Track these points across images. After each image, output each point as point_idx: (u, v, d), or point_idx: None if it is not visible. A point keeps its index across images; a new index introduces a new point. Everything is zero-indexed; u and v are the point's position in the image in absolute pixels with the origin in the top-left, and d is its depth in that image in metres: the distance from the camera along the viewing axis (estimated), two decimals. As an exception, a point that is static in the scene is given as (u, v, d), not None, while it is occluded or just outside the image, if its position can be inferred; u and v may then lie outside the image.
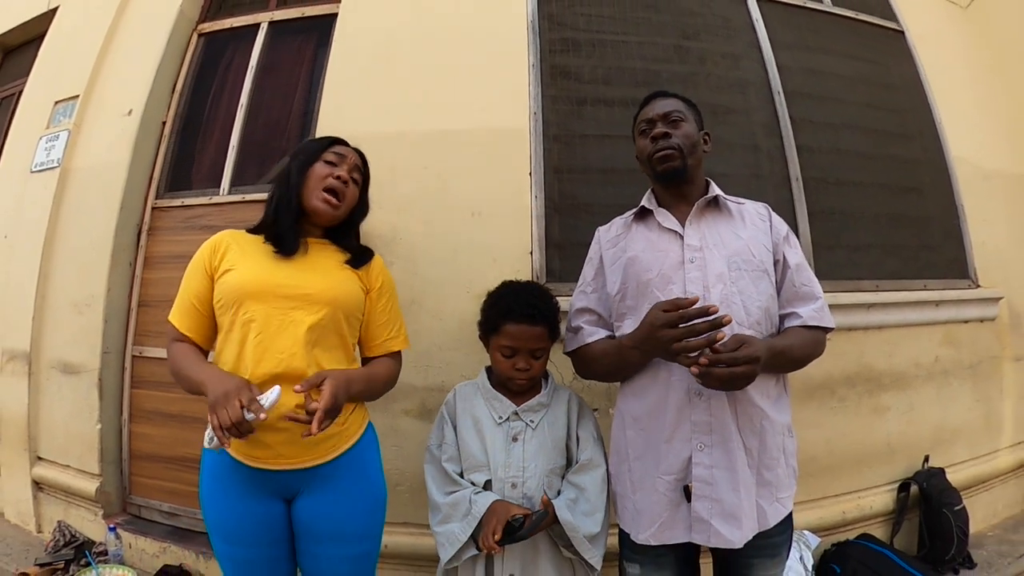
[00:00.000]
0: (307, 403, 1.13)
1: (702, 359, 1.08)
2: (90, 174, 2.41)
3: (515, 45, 2.10)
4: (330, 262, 1.32)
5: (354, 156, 1.38)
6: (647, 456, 1.25)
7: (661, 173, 1.30)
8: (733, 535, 1.16)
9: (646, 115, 1.34)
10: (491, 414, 1.38)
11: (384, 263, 1.42)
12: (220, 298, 1.23)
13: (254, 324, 1.19)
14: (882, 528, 2.17)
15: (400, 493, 1.82)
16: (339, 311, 1.25)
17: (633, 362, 1.25)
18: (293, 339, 1.19)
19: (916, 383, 2.24)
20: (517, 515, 1.24)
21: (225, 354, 1.22)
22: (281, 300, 1.21)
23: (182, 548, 2.09)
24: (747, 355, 1.08)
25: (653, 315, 1.17)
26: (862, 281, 2.19)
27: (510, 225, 1.92)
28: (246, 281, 1.22)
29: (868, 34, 2.61)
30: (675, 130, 1.29)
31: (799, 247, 1.36)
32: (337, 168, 1.32)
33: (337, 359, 1.26)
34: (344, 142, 1.41)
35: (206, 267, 1.26)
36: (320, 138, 1.42)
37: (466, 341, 1.84)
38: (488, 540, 1.22)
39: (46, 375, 2.40)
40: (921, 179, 2.51)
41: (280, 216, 1.29)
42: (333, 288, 1.26)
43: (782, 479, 1.24)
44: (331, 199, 1.29)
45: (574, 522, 1.26)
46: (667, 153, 1.28)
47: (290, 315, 1.20)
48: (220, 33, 2.51)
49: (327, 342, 1.24)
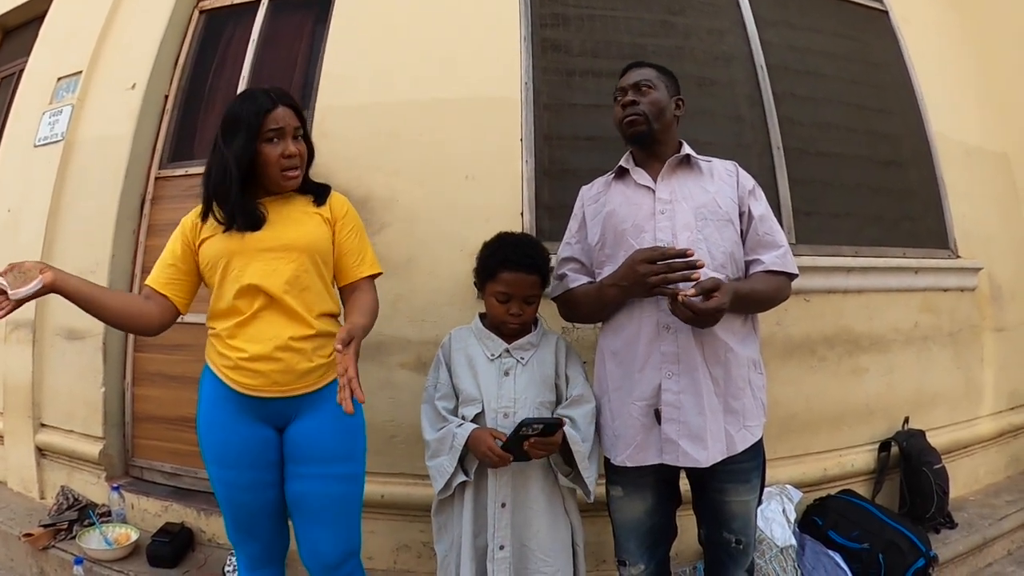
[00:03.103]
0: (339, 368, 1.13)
1: (680, 294, 1.19)
2: (94, 146, 2.48)
3: (508, 19, 2.18)
4: (296, 212, 1.38)
5: (289, 117, 1.32)
6: (623, 386, 1.36)
7: (629, 137, 1.44)
8: (700, 455, 1.28)
9: (620, 84, 1.47)
10: (484, 352, 1.46)
11: (346, 199, 1.46)
12: (207, 262, 1.34)
13: (245, 272, 1.30)
14: (864, 486, 2.24)
15: (395, 444, 1.88)
16: (314, 254, 1.35)
17: (611, 300, 1.36)
18: (279, 282, 1.30)
19: (895, 347, 2.32)
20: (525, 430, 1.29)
21: (221, 303, 1.33)
22: (262, 253, 1.31)
23: (183, 506, 2.15)
24: (715, 306, 1.19)
25: (634, 253, 1.29)
26: (841, 247, 2.26)
27: (502, 188, 2.00)
28: (228, 243, 1.32)
29: (852, 13, 2.69)
30: (643, 97, 1.40)
31: (764, 200, 1.46)
32: (282, 143, 1.31)
33: (316, 296, 1.35)
34: (270, 104, 1.30)
35: (187, 238, 1.37)
36: (245, 107, 1.30)
37: (460, 297, 1.92)
38: (492, 456, 1.30)
39: (50, 342, 2.45)
40: (902, 153, 2.59)
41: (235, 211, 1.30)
42: (305, 235, 1.35)
43: (749, 408, 1.34)
44: (292, 174, 1.34)
45: (578, 436, 1.35)
46: (633, 119, 1.40)
47: (272, 264, 1.31)
48: (221, 10, 2.57)
49: (308, 281, 1.34)
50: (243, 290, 1.29)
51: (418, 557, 1.96)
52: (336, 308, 1.42)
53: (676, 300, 1.20)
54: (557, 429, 1.31)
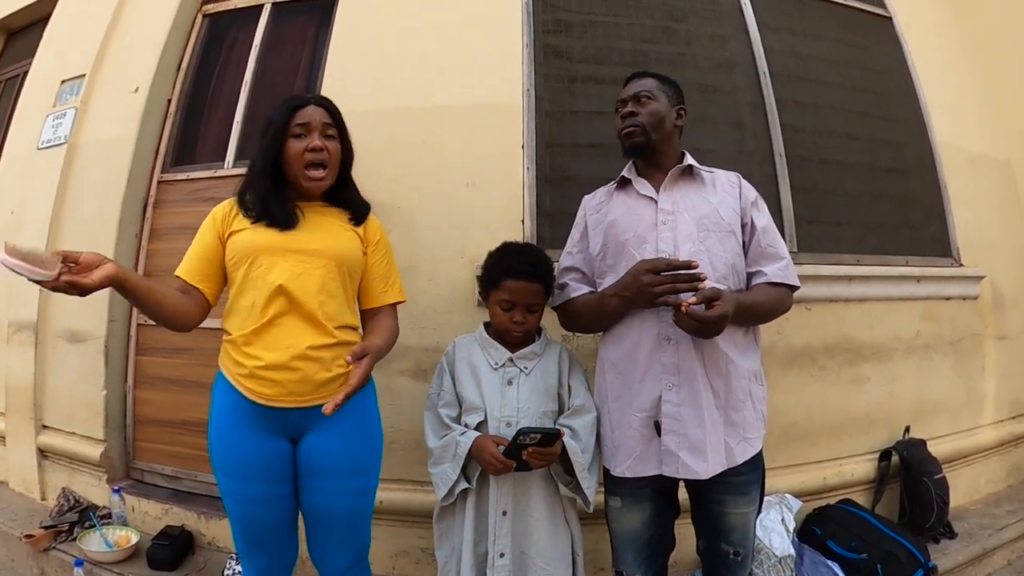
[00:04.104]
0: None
1: (683, 304, 1.19)
2: (97, 149, 2.48)
3: (510, 26, 2.18)
4: (331, 223, 1.39)
5: (319, 114, 1.34)
6: (623, 397, 1.36)
7: (627, 148, 1.44)
8: (699, 467, 1.28)
9: (621, 95, 1.47)
10: (487, 361, 1.47)
11: (380, 225, 1.50)
12: (233, 255, 1.32)
13: (273, 270, 1.28)
14: (864, 496, 2.23)
15: (395, 450, 1.88)
16: (343, 265, 1.35)
17: (613, 310, 1.36)
18: (306, 287, 1.29)
19: (897, 356, 2.31)
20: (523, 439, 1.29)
21: (241, 302, 1.30)
22: (292, 254, 1.30)
23: (184, 509, 2.15)
24: (719, 314, 1.19)
25: (638, 264, 1.30)
26: (843, 255, 2.26)
27: (503, 195, 2.00)
28: (259, 238, 1.31)
29: (856, 20, 2.68)
30: (642, 109, 1.41)
31: (767, 212, 1.46)
32: (308, 138, 1.32)
33: (339, 306, 1.35)
34: (303, 102, 1.35)
35: (217, 229, 1.35)
36: (280, 106, 1.36)
37: (460, 304, 1.92)
38: (495, 464, 1.30)
39: (52, 344, 2.46)
40: (905, 160, 2.58)
41: (269, 204, 1.32)
42: (337, 245, 1.35)
43: (749, 420, 1.34)
44: (316, 174, 1.33)
45: (578, 447, 1.35)
46: (630, 130, 1.41)
47: (299, 267, 1.30)
48: (224, 14, 2.58)
49: (331, 291, 1.33)
50: (267, 289, 1.27)
51: (416, 563, 1.96)
52: (356, 322, 1.41)
53: (679, 310, 1.20)
54: (556, 440, 1.30)
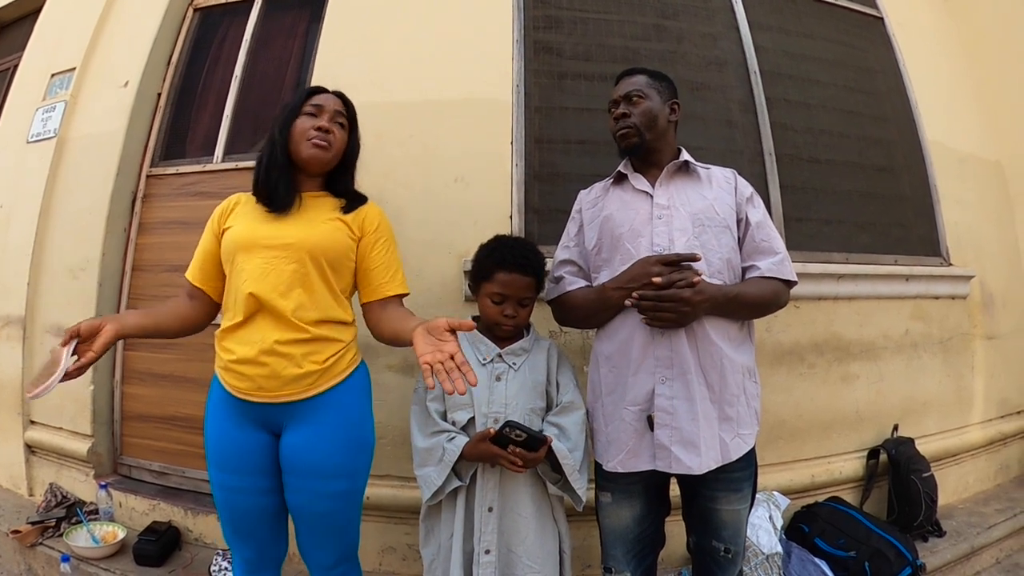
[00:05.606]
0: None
1: (634, 294, 1.23)
2: (86, 143, 2.47)
3: (500, 21, 2.17)
4: (320, 213, 1.37)
5: (333, 102, 1.40)
6: (617, 391, 1.36)
7: (623, 149, 1.45)
8: (692, 462, 1.27)
9: (612, 95, 1.47)
10: (476, 356, 1.45)
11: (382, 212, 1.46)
12: (222, 253, 1.37)
13: (244, 272, 1.30)
14: (852, 494, 2.24)
15: (382, 446, 1.87)
16: (319, 257, 1.32)
17: (613, 304, 1.35)
18: (275, 283, 1.28)
19: (886, 354, 2.31)
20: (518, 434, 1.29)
21: (227, 300, 1.36)
22: (264, 250, 1.31)
23: (171, 505, 2.15)
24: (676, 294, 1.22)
25: (646, 257, 1.31)
26: (832, 253, 2.26)
27: (492, 191, 2.00)
28: (237, 236, 1.34)
29: (847, 19, 2.69)
30: (634, 108, 1.41)
31: (763, 208, 1.46)
32: (318, 119, 1.36)
33: (319, 300, 1.32)
34: (322, 90, 1.43)
35: (214, 228, 1.41)
36: (300, 91, 1.45)
37: (447, 299, 1.92)
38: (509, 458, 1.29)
39: (40, 339, 2.45)
40: (895, 160, 2.58)
41: (269, 175, 1.35)
42: (311, 236, 1.32)
43: (743, 416, 1.33)
44: (319, 142, 1.34)
45: (567, 448, 1.35)
46: (625, 132, 1.41)
47: (272, 263, 1.29)
48: (215, 8, 2.57)
49: (308, 284, 1.31)
50: (241, 293, 1.29)
51: (403, 559, 1.96)
52: (345, 316, 1.37)
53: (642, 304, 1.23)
54: (541, 446, 1.30)
